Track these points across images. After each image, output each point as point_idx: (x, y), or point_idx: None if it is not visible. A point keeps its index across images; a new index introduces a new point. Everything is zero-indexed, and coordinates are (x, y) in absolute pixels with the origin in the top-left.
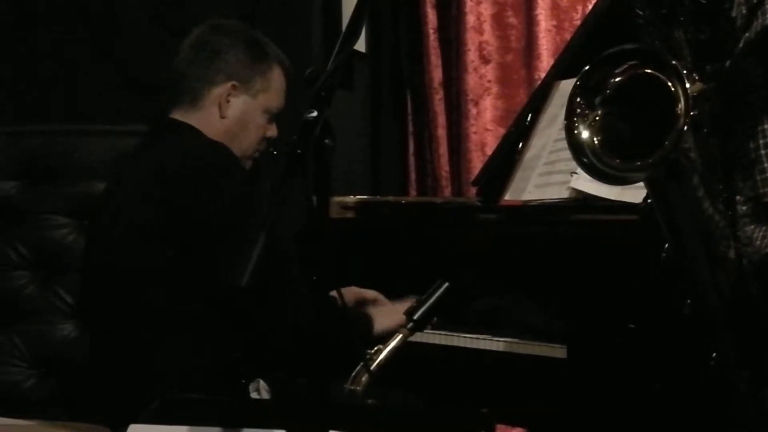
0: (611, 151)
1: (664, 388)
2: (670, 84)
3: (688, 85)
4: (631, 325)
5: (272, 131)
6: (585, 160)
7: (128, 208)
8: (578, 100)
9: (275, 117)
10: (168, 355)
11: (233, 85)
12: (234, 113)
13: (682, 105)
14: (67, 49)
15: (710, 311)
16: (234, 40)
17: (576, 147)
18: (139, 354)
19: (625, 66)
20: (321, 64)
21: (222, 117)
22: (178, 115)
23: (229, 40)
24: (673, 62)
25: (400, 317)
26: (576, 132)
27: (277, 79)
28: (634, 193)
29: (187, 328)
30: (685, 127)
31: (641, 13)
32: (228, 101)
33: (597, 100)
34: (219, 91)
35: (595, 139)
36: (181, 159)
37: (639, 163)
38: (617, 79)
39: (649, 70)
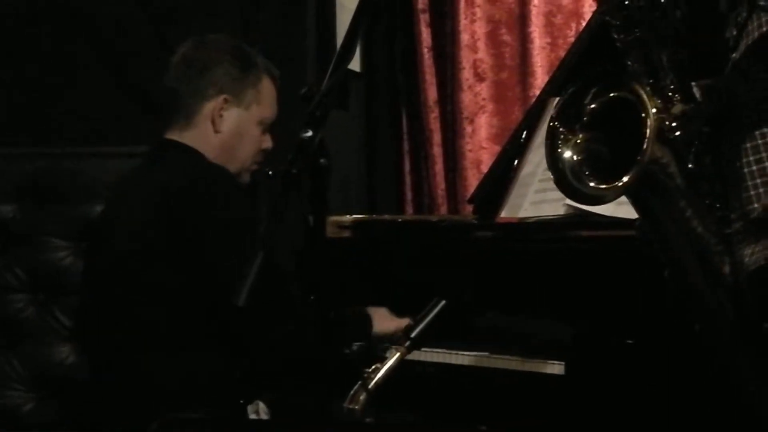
0: (592, 174)
1: (664, 401)
2: (638, 104)
3: (654, 109)
4: (629, 341)
5: (267, 143)
6: (566, 184)
7: (128, 230)
8: (558, 126)
9: (269, 128)
10: (167, 375)
11: (225, 99)
12: (228, 127)
13: (649, 124)
14: (70, 69)
15: (715, 328)
16: (222, 54)
17: (558, 172)
18: (138, 373)
19: (594, 90)
20: (316, 84)
21: (216, 132)
22: (174, 135)
23: (217, 54)
24: (638, 83)
25: (398, 323)
26: (558, 156)
27: (267, 89)
28: (631, 209)
29: (186, 347)
30: (653, 147)
31: (618, 37)
32: (221, 115)
33: (577, 125)
34: (211, 105)
35: (577, 162)
36: (180, 182)
37: (611, 184)
38: (592, 106)
39: (614, 94)
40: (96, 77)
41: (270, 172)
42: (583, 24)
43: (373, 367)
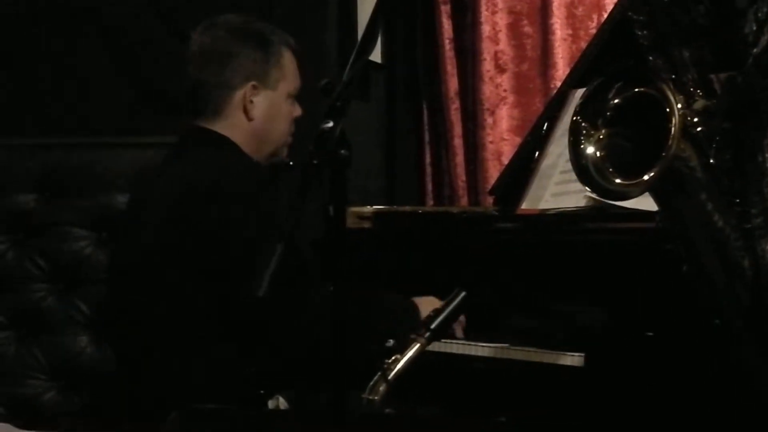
0: (615, 169)
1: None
2: (662, 101)
3: (678, 105)
4: (649, 333)
5: (297, 111)
6: (590, 179)
7: (153, 224)
8: (581, 122)
9: (297, 98)
10: (187, 367)
11: (253, 85)
12: (260, 112)
13: (674, 120)
14: (85, 62)
15: (730, 320)
16: (239, 38)
17: (581, 168)
18: (158, 366)
19: (618, 86)
20: (336, 75)
21: (250, 120)
22: (205, 123)
23: (235, 39)
24: (662, 79)
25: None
26: (581, 152)
27: (289, 62)
28: (652, 201)
29: (207, 340)
30: (677, 143)
31: (641, 33)
32: (252, 102)
33: (599, 121)
34: (241, 94)
35: (600, 158)
36: (206, 178)
37: (636, 180)
38: (615, 101)
39: (637, 89)
40: (112, 69)
41: (291, 163)
42: (605, 15)
43: (393, 357)
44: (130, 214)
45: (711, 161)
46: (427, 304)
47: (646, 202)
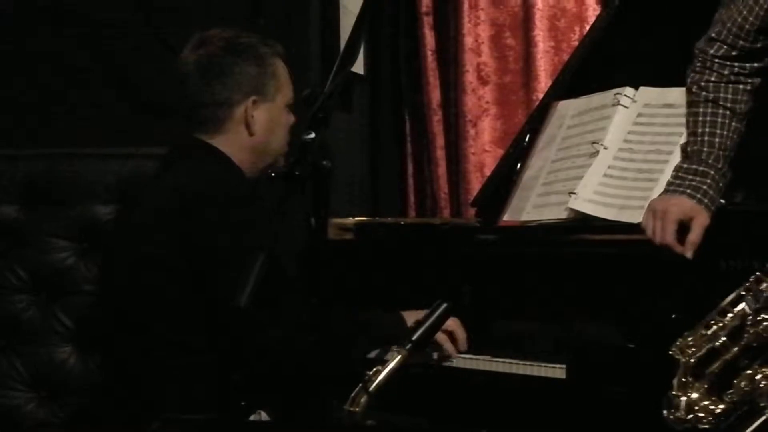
0: None
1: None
2: None
3: None
4: (631, 345)
5: (293, 119)
6: None
7: (142, 232)
8: None
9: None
10: (170, 378)
11: (254, 100)
12: (261, 125)
13: None
14: (70, 71)
15: None
16: (234, 54)
17: None
18: (147, 375)
19: None
20: (319, 86)
21: (251, 134)
22: (204, 138)
23: (230, 55)
24: None
25: None
26: None
27: (282, 71)
28: (632, 213)
29: (190, 351)
30: None
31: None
32: (253, 116)
33: None
34: (241, 110)
35: None
36: (195, 187)
37: None
38: None
39: None
40: (96, 79)
41: (272, 174)
42: (587, 28)
43: (374, 369)
44: (119, 223)
45: None
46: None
47: (627, 214)
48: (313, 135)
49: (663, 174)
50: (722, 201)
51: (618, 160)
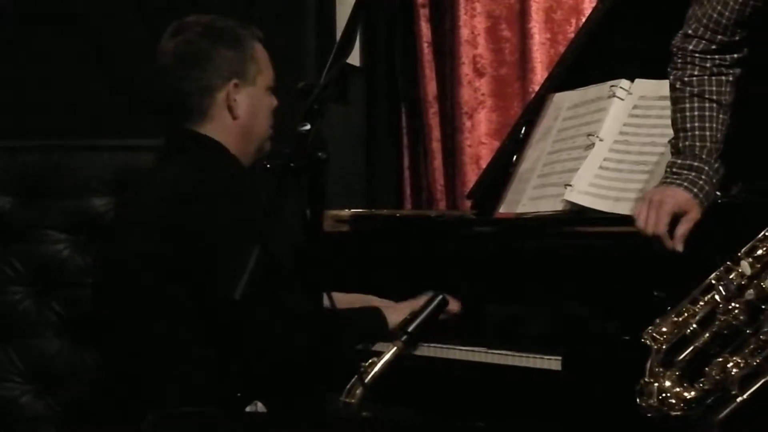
0: None
1: None
2: None
3: None
4: (626, 337)
5: (275, 102)
6: None
7: (140, 226)
8: None
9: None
10: (166, 372)
11: (235, 84)
12: (244, 109)
13: None
14: (65, 64)
15: None
16: (212, 39)
17: None
18: (143, 368)
19: None
20: (314, 78)
21: (235, 118)
22: (193, 126)
23: (208, 41)
24: None
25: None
26: None
27: (261, 54)
28: (628, 205)
29: (189, 342)
30: None
31: None
32: (235, 100)
33: None
34: (223, 94)
35: None
36: (192, 180)
37: None
38: None
39: None
40: (89, 71)
41: (267, 165)
42: (583, 20)
43: (370, 361)
44: (118, 216)
45: None
46: (402, 309)
47: (622, 206)
48: (308, 126)
49: (659, 166)
50: (718, 193)
51: (614, 152)
